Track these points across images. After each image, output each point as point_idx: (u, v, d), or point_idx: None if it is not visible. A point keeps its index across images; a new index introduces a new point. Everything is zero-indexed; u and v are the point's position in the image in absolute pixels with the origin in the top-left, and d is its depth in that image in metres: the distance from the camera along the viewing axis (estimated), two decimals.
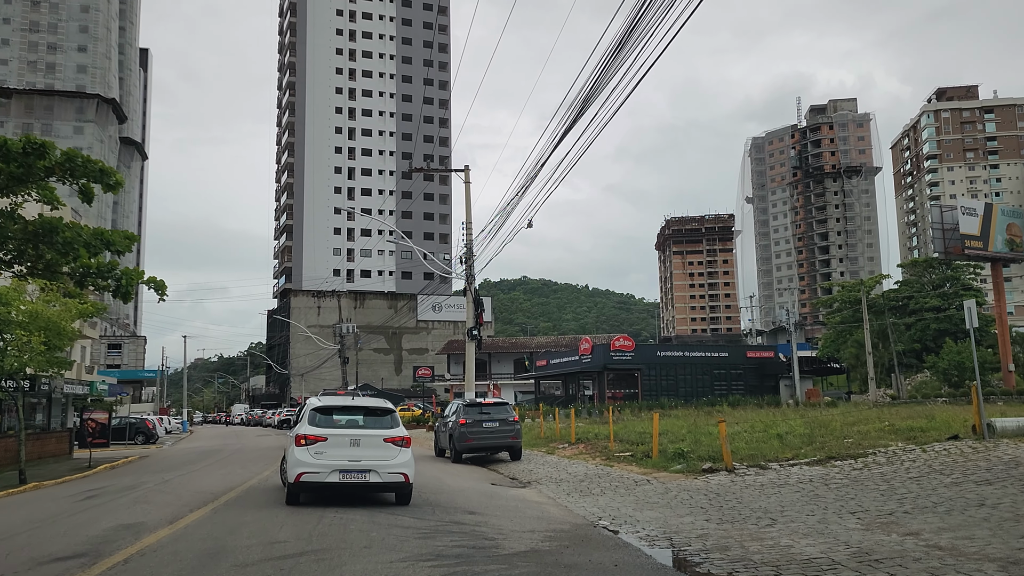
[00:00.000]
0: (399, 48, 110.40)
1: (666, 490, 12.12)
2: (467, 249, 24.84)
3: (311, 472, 10.60)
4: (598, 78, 11.40)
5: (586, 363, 45.64)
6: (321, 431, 10.99)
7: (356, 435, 11.06)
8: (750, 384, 46.41)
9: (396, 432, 11.31)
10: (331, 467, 10.66)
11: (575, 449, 20.51)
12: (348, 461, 10.74)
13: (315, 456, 10.72)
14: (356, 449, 10.88)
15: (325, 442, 10.82)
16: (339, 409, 11.59)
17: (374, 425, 11.37)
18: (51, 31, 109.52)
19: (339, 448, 10.82)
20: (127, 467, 21.26)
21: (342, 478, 10.66)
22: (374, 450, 10.93)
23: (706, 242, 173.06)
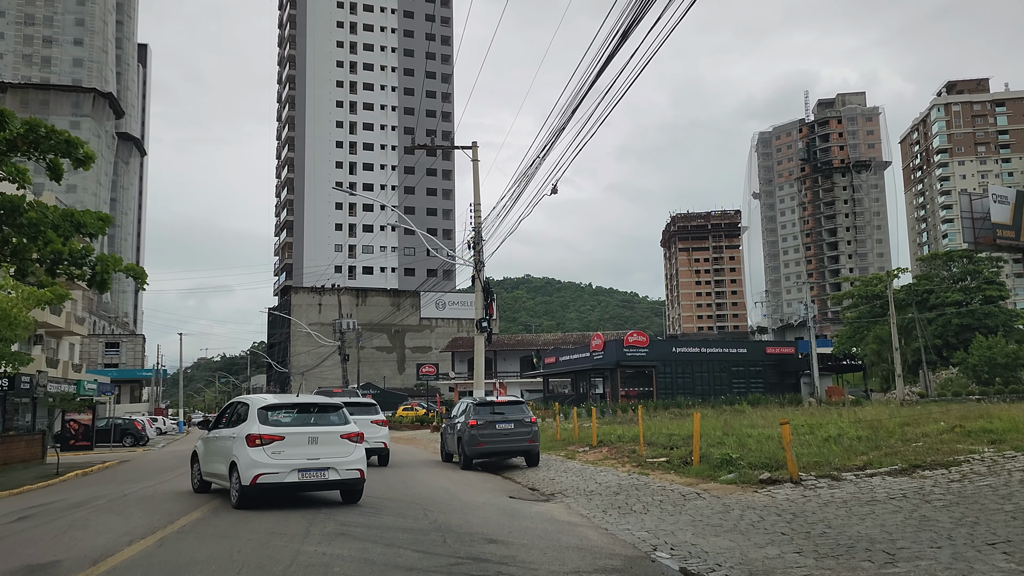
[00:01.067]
0: (400, 41, 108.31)
1: (725, 508, 9.95)
2: (475, 233, 22.68)
3: (269, 473, 10.11)
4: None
5: (598, 360, 43.56)
6: (278, 430, 10.54)
7: (314, 432, 10.73)
8: (770, 382, 44.30)
9: (350, 428, 11.12)
10: (290, 466, 10.26)
11: (598, 453, 18.35)
12: (307, 460, 10.42)
13: (272, 456, 10.26)
14: (314, 447, 10.58)
15: (283, 441, 10.41)
16: (288, 407, 11.16)
17: (328, 422, 11.07)
18: (47, 24, 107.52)
19: (297, 447, 10.48)
20: (99, 474, 19.14)
21: (301, 477, 10.31)
22: (332, 447, 10.69)
23: (712, 239, 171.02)
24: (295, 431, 10.64)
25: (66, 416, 31.51)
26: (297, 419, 10.96)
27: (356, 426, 11.30)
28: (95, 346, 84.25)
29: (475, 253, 22.69)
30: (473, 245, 22.74)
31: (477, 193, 22.97)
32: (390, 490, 12.67)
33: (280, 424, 10.68)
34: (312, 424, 10.95)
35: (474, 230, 22.78)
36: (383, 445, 17.18)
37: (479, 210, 22.88)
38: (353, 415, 15.60)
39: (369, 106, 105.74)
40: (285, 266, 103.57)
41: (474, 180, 23.05)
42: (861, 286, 70.64)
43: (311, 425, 10.91)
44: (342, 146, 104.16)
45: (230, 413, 12.00)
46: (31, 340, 39.25)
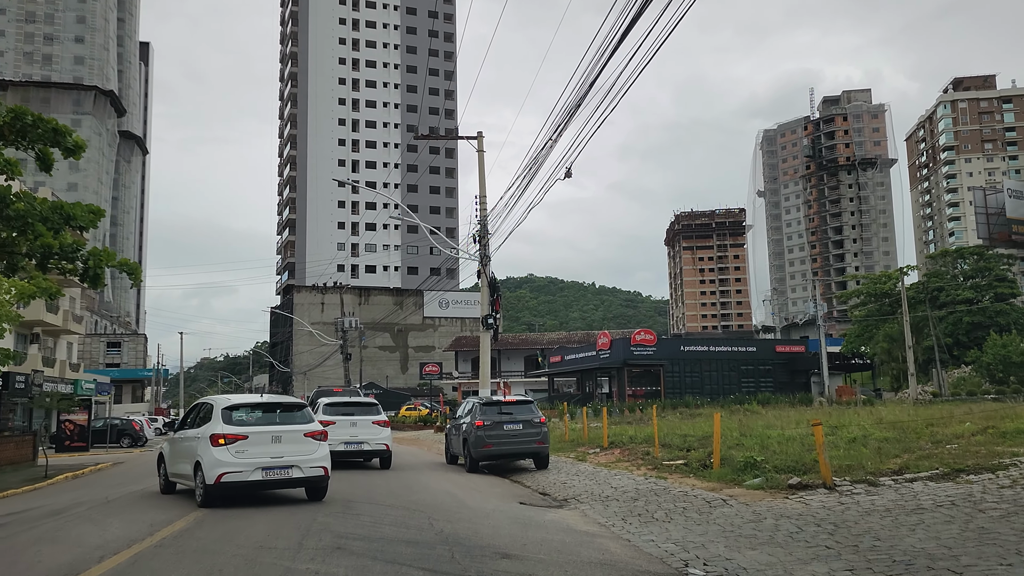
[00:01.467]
0: (403, 38, 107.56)
1: (756, 516, 9.14)
2: (481, 226, 21.88)
3: (233, 472, 10.28)
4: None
5: (604, 358, 42.74)
6: (241, 429, 10.71)
7: (277, 431, 10.88)
8: (780, 381, 43.44)
9: (314, 426, 11.30)
10: (254, 465, 10.45)
11: (610, 455, 17.54)
12: (271, 458, 10.61)
13: (236, 455, 10.43)
14: (278, 445, 10.75)
15: (246, 440, 10.57)
16: (251, 406, 11.33)
17: (292, 420, 11.24)
18: (48, 21, 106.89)
19: (261, 445, 10.63)
20: (89, 477, 18.37)
21: (265, 475, 10.52)
22: (296, 445, 10.86)
23: (716, 237, 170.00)
24: (258, 430, 10.75)
25: (61, 416, 30.76)
26: (261, 418, 11.07)
27: (318, 424, 11.51)
28: (96, 346, 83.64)
29: (480, 247, 21.90)
30: (479, 239, 21.94)
31: (483, 185, 22.17)
32: (392, 496, 11.87)
33: (244, 423, 10.81)
34: (276, 423, 11.05)
35: (479, 223, 21.98)
36: (385, 447, 16.55)
37: (484, 203, 22.08)
38: (354, 416, 15.09)
39: (372, 103, 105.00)
40: (287, 265, 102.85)
41: (479, 172, 22.27)
42: (870, 284, 69.74)
43: (275, 424, 11.02)
44: (344, 144, 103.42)
45: (195, 414, 11.97)
46: (27, 339, 38.55)
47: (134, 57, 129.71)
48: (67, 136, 18.52)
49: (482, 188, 22.15)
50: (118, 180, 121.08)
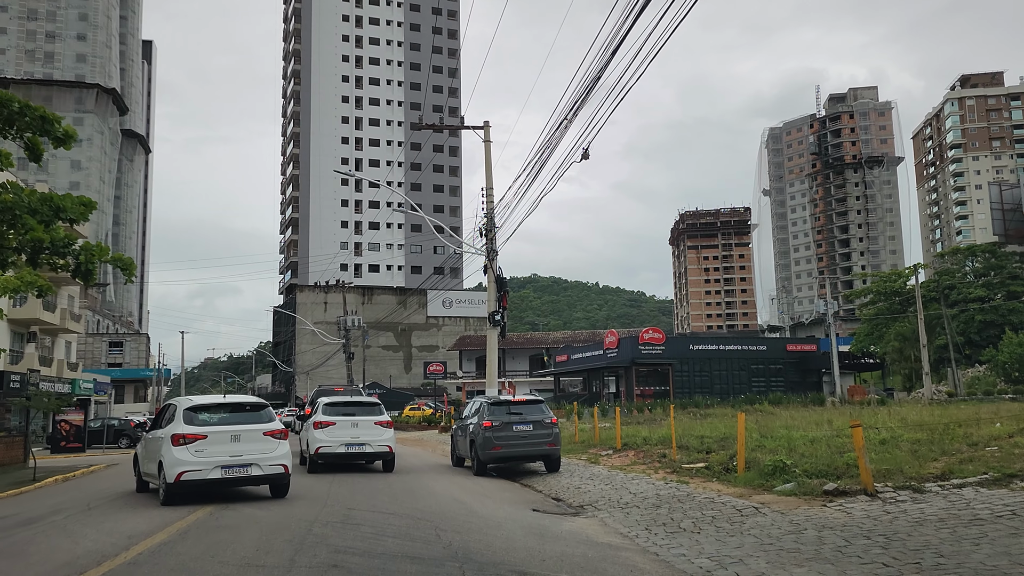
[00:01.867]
0: (407, 35, 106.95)
1: (795, 527, 8.33)
2: (487, 219, 21.06)
3: (192, 470, 10.64)
4: None
5: (612, 357, 41.91)
6: (201, 429, 11.05)
7: (236, 431, 11.18)
8: (791, 380, 42.58)
9: (274, 426, 11.62)
10: (213, 463, 10.78)
11: (623, 457, 16.72)
12: (230, 456, 10.93)
13: (195, 454, 10.79)
14: (237, 444, 11.08)
15: (205, 439, 10.91)
16: (214, 407, 11.74)
17: (252, 420, 11.56)
18: (49, 19, 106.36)
19: (220, 444, 10.97)
20: (79, 480, 17.60)
21: (224, 473, 10.86)
22: (255, 444, 11.19)
23: (722, 236, 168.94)
24: (217, 430, 11.09)
25: (56, 417, 30.03)
26: (222, 419, 11.40)
27: (279, 424, 11.80)
28: (98, 345, 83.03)
29: (487, 241, 21.07)
30: (485, 233, 21.12)
31: (489, 176, 21.36)
32: (395, 502, 11.06)
33: (204, 424, 11.14)
34: (236, 423, 11.33)
35: (486, 216, 21.16)
36: (388, 449, 15.69)
37: (491, 195, 21.27)
38: (355, 416, 14.32)
39: (375, 101, 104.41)
40: (290, 264, 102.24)
41: (486, 162, 21.44)
42: (879, 282, 68.83)
43: (235, 424, 11.29)
44: (348, 142, 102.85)
45: (163, 415, 12.28)
46: (24, 337, 37.84)
47: (136, 55, 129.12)
48: (56, 124, 17.75)
49: (488, 179, 21.34)
50: (120, 179, 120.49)
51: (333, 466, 15.81)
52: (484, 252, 21.32)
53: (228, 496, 11.57)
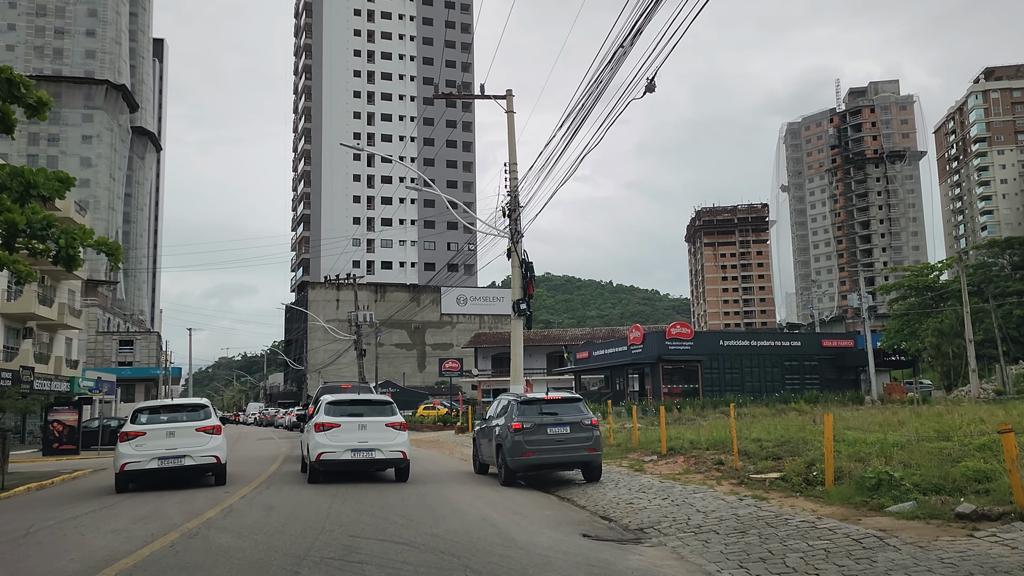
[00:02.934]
0: (419, 29, 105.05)
1: (951, 568, 6.14)
2: (511, 197, 18.92)
3: (133, 461, 13.11)
4: None
5: (637, 354, 39.65)
6: (141, 427, 13.44)
7: (172, 428, 13.42)
8: (827, 377, 40.20)
9: (208, 423, 13.73)
10: (150, 456, 13.10)
11: (672, 464, 14.55)
12: (165, 449, 13.15)
13: (136, 448, 13.15)
14: (172, 439, 13.26)
15: (144, 436, 13.23)
16: (154, 409, 14.08)
17: (188, 419, 13.70)
18: (58, 15, 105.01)
19: (157, 439, 13.22)
20: (56, 488, 15.61)
21: (160, 464, 13.09)
22: (188, 439, 13.33)
23: (739, 233, 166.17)
24: (154, 427, 13.36)
25: (49, 416, 28.14)
26: (162, 418, 13.71)
27: (215, 420, 13.91)
28: (108, 343, 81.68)
29: (511, 221, 18.94)
30: (508, 212, 18.98)
31: (512, 150, 19.21)
32: (411, 526, 8.89)
33: (144, 423, 13.56)
34: (172, 421, 13.55)
35: (509, 194, 19.02)
36: (401, 455, 13.48)
37: (515, 171, 19.12)
38: (363, 416, 12.41)
39: (387, 96, 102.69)
40: (302, 261, 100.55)
41: (509, 136, 19.31)
42: (911, 277, 66.27)
43: (170, 422, 13.51)
44: (360, 137, 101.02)
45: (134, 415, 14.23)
46: (20, 333, 36.03)
47: (147, 52, 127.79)
48: (26, 90, 15.80)
49: (512, 154, 19.19)
50: (131, 177, 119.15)
51: (338, 475, 13.73)
52: (507, 234, 19.17)
53: (210, 520, 9.50)
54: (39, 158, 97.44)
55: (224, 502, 10.76)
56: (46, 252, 18.45)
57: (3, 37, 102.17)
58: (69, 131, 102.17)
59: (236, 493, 11.75)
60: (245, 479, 14.47)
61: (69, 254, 17.76)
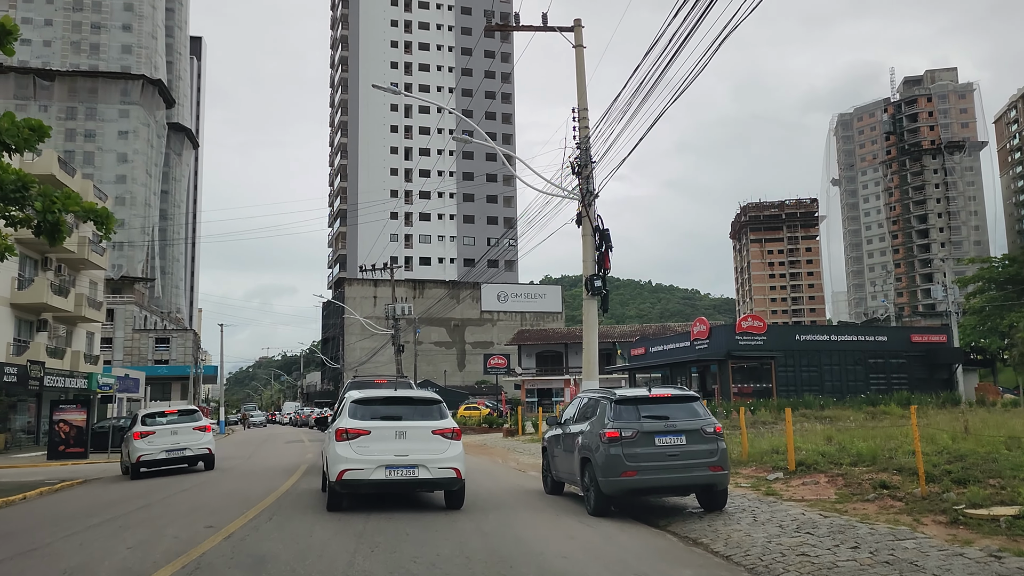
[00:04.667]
0: (457, 19, 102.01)
1: None
2: (581, 151, 15.35)
3: (147, 454, 17.04)
4: None
5: (702, 349, 35.82)
6: (150, 428, 17.52)
7: (175, 427, 17.67)
8: (916, 377, 35.91)
9: (202, 423, 18.25)
10: (160, 448, 17.26)
11: (813, 486, 10.85)
12: (171, 444, 17.36)
13: (148, 444, 17.10)
14: (175, 436, 17.52)
15: (154, 435, 17.31)
16: (159, 414, 18.25)
17: (186, 420, 17.98)
18: (95, 10, 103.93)
19: (165, 437, 17.40)
20: (28, 505, 12.34)
21: (168, 455, 17.35)
22: (187, 436, 17.64)
23: (787, 229, 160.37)
24: (163, 427, 17.54)
25: (55, 416, 25.25)
26: (167, 420, 17.97)
27: (206, 421, 18.60)
28: (145, 342, 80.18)
29: (581, 180, 15.36)
30: (577, 169, 15.40)
31: (583, 93, 15.60)
32: None
33: (153, 424, 17.60)
34: (174, 423, 17.80)
35: (578, 146, 15.44)
36: (454, 474, 9.78)
37: (586, 117, 15.53)
38: (402, 420, 8.91)
39: (425, 88, 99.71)
40: (338, 257, 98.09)
41: (578, 75, 15.68)
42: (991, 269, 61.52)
43: (175, 423, 17.81)
44: (397, 131, 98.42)
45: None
46: (33, 326, 33.35)
47: (184, 48, 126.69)
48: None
49: (582, 97, 15.58)
50: (168, 174, 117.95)
51: (367, 499, 10.28)
52: (576, 195, 15.60)
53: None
54: (76, 154, 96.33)
55: (197, 547, 7.30)
56: (26, 221, 15.30)
57: (40, 32, 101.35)
58: (106, 127, 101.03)
59: (222, 529, 8.29)
60: (247, 500, 11.07)
61: (48, 220, 14.60)
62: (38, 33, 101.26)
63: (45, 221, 14.54)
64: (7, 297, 30.51)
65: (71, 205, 14.89)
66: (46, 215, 14.48)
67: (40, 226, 14.72)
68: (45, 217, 14.49)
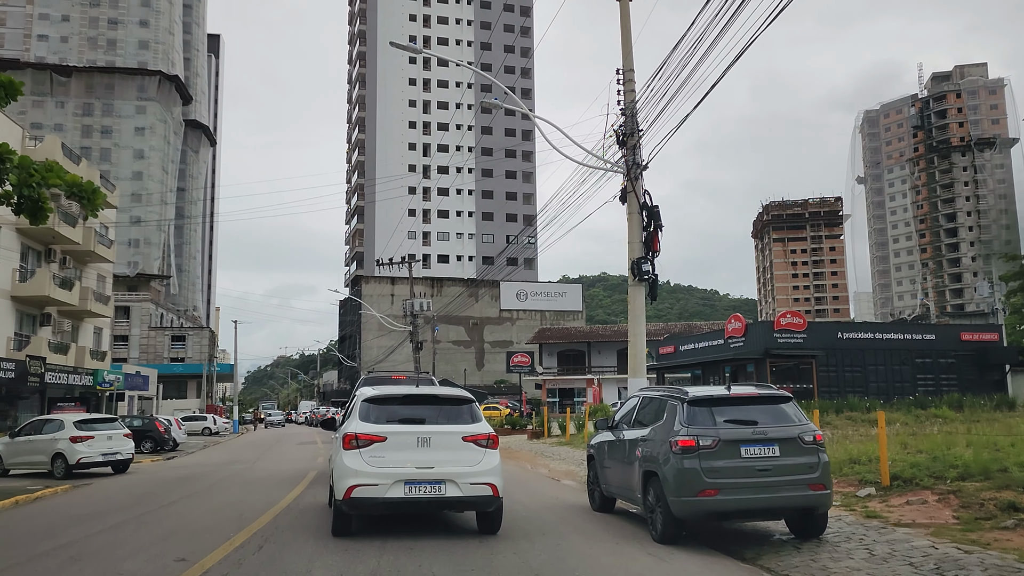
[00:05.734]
0: (477, 12, 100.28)
1: None
2: (626, 117, 13.48)
3: (85, 457, 17.69)
4: None
5: (737, 348, 33.82)
6: (87, 433, 18.05)
7: (109, 433, 18.75)
8: (966, 378, 33.72)
9: (125, 431, 19.46)
10: (98, 452, 18.10)
11: (921, 506, 8.95)
12: (107, 448, 18.37)
13: (88, 447, 17.85)
14: (110, 441, 18.52)
15: (93, 439, 18.03)
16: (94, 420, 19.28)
17: (115, 428, 19.32)
18: (112, 5, 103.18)
19: (101, 442, 18.31)
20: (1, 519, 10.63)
21: (104, 458, 18.31)
22: (116, 441, 18.80)
23: (810, 228, 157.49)
24: (100, 432, 18.40)
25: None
26: (102, 426, 18.96)
27: (126, 429, 19.88)
28: (161, 339, 79.24)
29: (626, 150, 13.50)
30: (623, 138, 13.53)
31: (628, 53, 13.73)
32: None
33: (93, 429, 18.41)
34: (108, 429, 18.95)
35: (623, 112, 13.58)
36: (490, 491, 7.84)
37: (632, 79, 13.64)
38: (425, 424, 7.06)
39: (443, 83, 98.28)
40: (356, 255, 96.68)
41: (623, 32, 13.80)
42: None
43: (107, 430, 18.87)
44: (415, 127, 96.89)
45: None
46: (37, 320, 31.88)
47: (202, 45, 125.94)
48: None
49: (627, 57, 13.71)
50: (185, 171, 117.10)
51: (382, 520, 8.48)
52: (621, 168, 13.73)
53: None
54: (92, 151, 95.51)
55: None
56: (7, 197, 13.64)
57: (57, 28, 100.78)
58: (122, 123, 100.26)
59: (196, 564, 6.47)
60: (239, 518, 9.28)
61: (24, 194, 12.98)
62: (55, 29, 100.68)
63: (24, 196, 12.96)
64: (7, 289, 29.05)
65: (52, 179, 13.24)
66: (22, 188, 12.88)
67: (20, 203, 13.12)
68: (21, 191, 12.90)
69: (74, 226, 32.38)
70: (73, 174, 13.95)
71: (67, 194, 14.13)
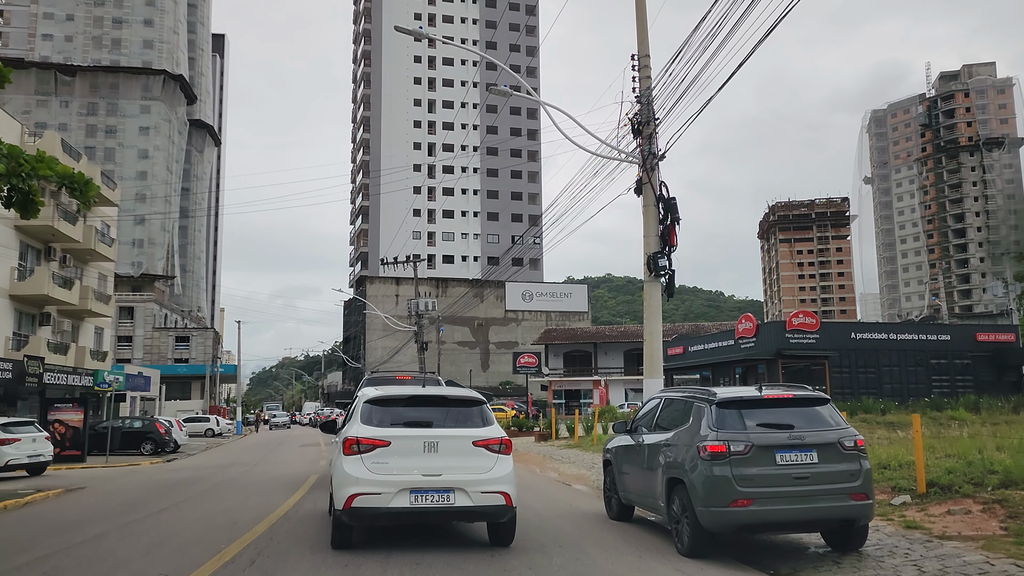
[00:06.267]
0: (482, 11, 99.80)
1: None
2: (642, 105, 12.89)
3: (14, 459, 17.93)
4: None
5: (748, 348, 33.19)
6: (13, 435, 17.84)
7: (33, 436, 19.01)
8: (982, 379, 33.04)
9: (44, 434, 19.75)
10: (25, 453, 18.68)
11: (965, 516, 8.33)
12: (32, 450, 18.75)
13: (16, 449, 18.01)
14: (35, 444, 18.86)
15: (20, 441, 18.27)
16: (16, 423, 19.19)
17: (38, 431, 19.61)
18: (116, 4, 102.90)
19: (27, 444, 18.68)
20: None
21: (29, 460, 18.85)
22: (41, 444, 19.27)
23: (817, 228, 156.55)
24: (26, 435, 19.04)
25: (49, 416, 23.17)
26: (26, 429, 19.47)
27: (45, 432, 20.47)
28: (165, 340, 78.85)
29: (642, 139, 12.90)
30: (638, 127, 12.93)
31: (644, 39, 13.14)
32: None
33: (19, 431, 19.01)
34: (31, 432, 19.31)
35: (638, 99, 12.99)
36: (503, 500, 7.24)
37: (647, 65, 13.05)
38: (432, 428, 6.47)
39: (449, 82, 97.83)
40: (360, 255, 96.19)
41: (638, 16, 13.22)
42: None
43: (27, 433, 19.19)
44: (420, 126, 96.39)
45: None
46: (35, 319, 31.39)
47: (207, 44, 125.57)
48: None
49: (643, 42, 13.12)
50: (189, 171, 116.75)
51: (385, 531, 7.89)
52: (636, 158, 13.13)
53: None
54: (96, 150, 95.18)
55: None
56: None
57: (62, 27, 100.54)
58: (127, 122, 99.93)
59: None
60: (233, 528, 8.70)
61: (13, 185, 12.41)
62: (60, 28, 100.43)
63: (14, 188, 12.40)
64: (6, 288, 28.57)
65: (42, 169, 12.62)
66: (11, 179, 12.31)
67: (10, 195, 12.56)
68: (10, 181, 12.33)
69: (74, 224, 31.88)
70: (64, 165, 13.35)
71: (59, 186, 13.55)
